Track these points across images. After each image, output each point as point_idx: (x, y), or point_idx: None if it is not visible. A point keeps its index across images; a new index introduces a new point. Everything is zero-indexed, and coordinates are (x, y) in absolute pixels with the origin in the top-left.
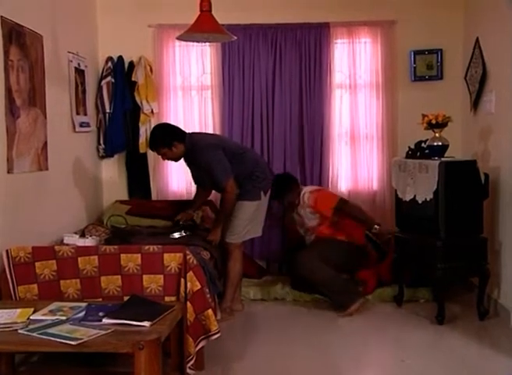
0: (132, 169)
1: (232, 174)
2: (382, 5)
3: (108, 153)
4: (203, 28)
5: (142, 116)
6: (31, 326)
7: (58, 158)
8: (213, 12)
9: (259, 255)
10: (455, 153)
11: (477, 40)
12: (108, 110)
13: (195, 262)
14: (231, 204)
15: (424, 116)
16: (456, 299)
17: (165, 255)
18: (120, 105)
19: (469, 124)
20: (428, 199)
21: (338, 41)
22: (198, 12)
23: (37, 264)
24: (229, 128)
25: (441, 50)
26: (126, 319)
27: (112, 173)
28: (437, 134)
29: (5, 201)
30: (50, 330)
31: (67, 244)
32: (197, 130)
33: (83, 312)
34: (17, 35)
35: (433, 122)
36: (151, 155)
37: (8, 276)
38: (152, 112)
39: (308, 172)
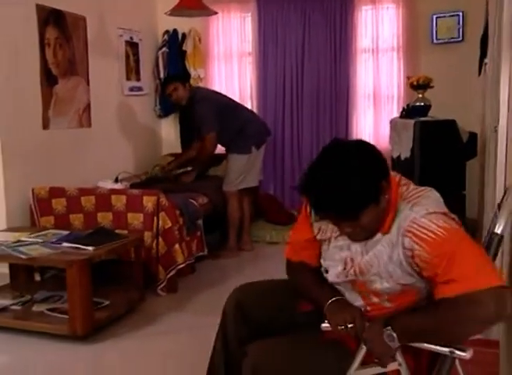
0: (183, 126)
1: (215, 129)
2: None
3: (163, 113)
4: (187, 5)
5: (191, 81)
6: (12, 244)
7: (103, 117)
8: None
9: (290, 203)
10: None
11: (487, 2)
12: (162, 76)
13: (167, 204)
14: (206, 155)
15: (408, 78)
16: None
17: (144, 197)
18: (173, 72)
19: (478, 86)
20: (408, 157)
21: (363, 7)
22: None
23: (53, 201)
24: (263, 90)
25: (462, 12)
26: (78, 244)
27: (169, 131)
28: (420, 95)
29: (41, 151)
30: (20, 248)
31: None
32: (236, 92)
33: (57, 238)
34: (55, 18)
35: (415, 83)
36: None
37: (34, 209)
38: (199, 77)
39: (335, 130)
